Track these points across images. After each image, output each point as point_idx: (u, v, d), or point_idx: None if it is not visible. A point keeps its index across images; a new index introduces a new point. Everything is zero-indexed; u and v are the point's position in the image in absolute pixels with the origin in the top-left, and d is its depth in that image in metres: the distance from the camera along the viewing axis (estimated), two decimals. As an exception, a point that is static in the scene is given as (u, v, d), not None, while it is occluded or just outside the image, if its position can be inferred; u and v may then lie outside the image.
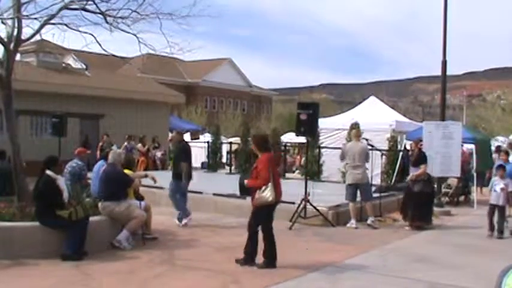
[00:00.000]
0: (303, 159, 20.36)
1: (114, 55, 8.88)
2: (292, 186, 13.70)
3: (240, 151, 18.16)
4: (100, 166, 8.62)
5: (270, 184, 6.45)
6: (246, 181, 6.62)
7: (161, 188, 11.64)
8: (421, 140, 10.78)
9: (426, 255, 7.72)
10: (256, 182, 6.50)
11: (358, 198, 10.00)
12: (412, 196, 9.92)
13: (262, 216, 6.61)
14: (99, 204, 7.58)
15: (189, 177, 9.30)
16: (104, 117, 20.56)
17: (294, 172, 25.10)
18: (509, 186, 9.55)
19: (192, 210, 9.95)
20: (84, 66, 23.00)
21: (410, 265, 7.06)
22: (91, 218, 7.14)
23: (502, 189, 9.33)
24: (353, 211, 9.84)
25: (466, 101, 57.60)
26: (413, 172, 10.10)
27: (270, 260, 6.61)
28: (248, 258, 6.66)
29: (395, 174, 14.82)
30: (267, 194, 6.45)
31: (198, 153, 20.94)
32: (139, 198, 8.21)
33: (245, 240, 6.74)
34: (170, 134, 19.93)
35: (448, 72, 13.29)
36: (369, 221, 9.74)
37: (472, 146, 14.39)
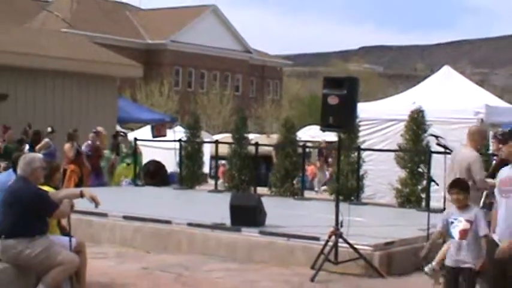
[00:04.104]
0: (333, 167, 20.24)
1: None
2: (315, 212, 13.64)
3: (233, 155, 18.19)
4: (4, 180, 8.56)
5: None
6: None
7: (104, 214, 11.66)
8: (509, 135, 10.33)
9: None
10: None
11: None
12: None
13: None
14: (-3, 244, 7.51)
15: None
16: (5, 100, 20.41)
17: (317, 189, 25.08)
18: None
19: (155, 250, 9.85)
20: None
21: None
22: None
23: None
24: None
25: None
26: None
27: None
28: None
29: (484, 195, 14.68)
30: None
31: (165, 159, 20.92)
32: (68, 233, 8.16)
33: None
34: (119, 128, 19.86)
35: None
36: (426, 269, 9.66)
37: None
